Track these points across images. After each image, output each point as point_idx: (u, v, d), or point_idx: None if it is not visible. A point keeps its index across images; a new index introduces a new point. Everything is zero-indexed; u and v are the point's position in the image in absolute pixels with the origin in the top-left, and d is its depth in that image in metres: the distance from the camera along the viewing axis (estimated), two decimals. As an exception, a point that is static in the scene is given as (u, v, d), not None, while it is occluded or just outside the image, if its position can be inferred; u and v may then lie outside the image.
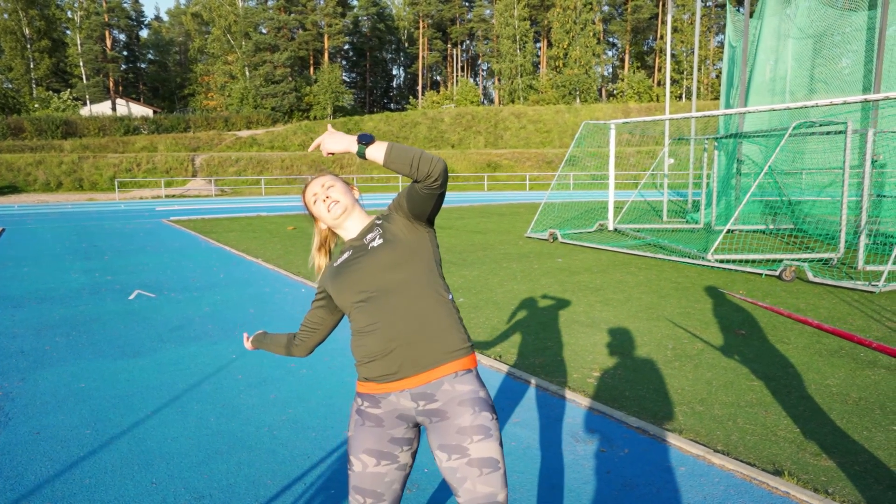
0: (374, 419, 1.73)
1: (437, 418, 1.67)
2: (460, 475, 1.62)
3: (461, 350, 1.71)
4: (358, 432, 1.74)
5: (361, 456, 1.71)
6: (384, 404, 1.72)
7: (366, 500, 1.71)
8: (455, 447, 1.63)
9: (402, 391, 1.69)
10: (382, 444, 1.71)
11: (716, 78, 60.25)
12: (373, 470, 1.71)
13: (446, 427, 1.65)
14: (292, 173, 38.69)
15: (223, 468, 3.00)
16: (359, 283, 1.72)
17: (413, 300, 1.69)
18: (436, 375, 1.68)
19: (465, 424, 1.64)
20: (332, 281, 1.79)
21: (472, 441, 1.62)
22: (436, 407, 1.67)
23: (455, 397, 1.66)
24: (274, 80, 54.61)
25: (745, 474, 2.84)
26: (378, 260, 1.70)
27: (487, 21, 70.07)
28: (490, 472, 1.61)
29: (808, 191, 13.54)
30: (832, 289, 7.07)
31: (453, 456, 1.63)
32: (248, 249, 10.97)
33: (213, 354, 4.83)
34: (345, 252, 1.83)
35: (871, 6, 12.93)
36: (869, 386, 3.97)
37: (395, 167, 1.61)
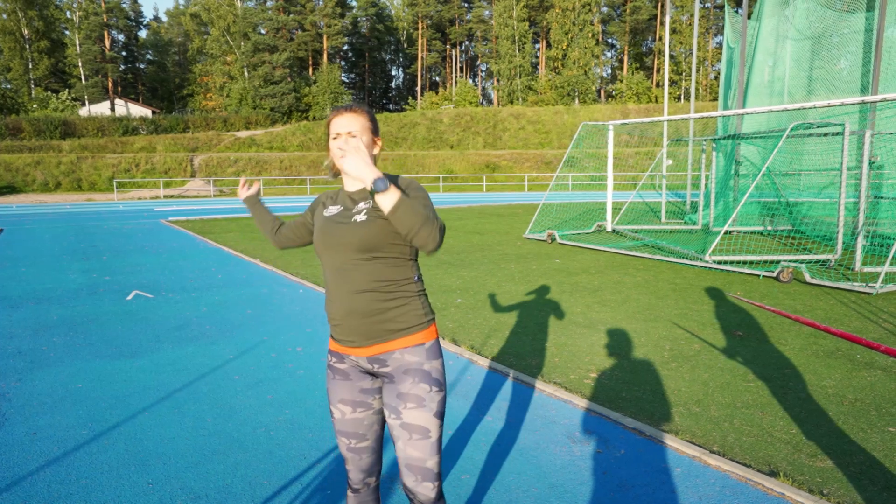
0: (341, 373, 1.90)
1: (387, 380, 1.84)
2: (395, 433, 1.81)
3: (415, 327, 1.82)
4: (331, 385, 1.91)
5: (338, 405, 1.90)
6: (347, 361, 1.88)
7: (350, 442, 1.91)
8: (393, 408, 1.81)
9: (358, 356, 1.85)
10: (354, 395, 1.88)
11: (714, 79, 60.29)
12: (350, 417, 1.89)
13: (391, 389, 1.83)
14: (291, 174, 38.68)
15: (220, 469, 3.00)
16: (333, 247, 1.82)
17: (375, 280, 1.78)
18: (388, 348, 1.81)
19: (403, 391, 1.80)
20: (317, 229, 1.90)
21: (405, 407, 1.79)
22: (387, 371, 1.83)
23: (402, 365, 1.81)
24: (273, 80, 54.59)
25: (740, 475, 2.84)
26: (356, 235, 1.78)
27: (486, 22, 70.11)
28: (419, 438, 1.78)
29: (806, 192, 13.56)
30: (829, 290, 7.08)
31: (391, 416, 1.82)
32: (246, 250, 10.96)
33: (210, 355, 4.83)
34: (337, 205, 1.91)
35: (869, 8, 12.97)
36: (865, 387, 3.97)
37: (396, 224, 1.63)
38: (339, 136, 1.83)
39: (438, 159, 41.99)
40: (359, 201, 1.86)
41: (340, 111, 1.86)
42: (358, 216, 1.81)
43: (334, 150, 1.84)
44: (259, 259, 9.84)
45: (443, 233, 1.68)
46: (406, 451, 1.79)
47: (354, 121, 1.85)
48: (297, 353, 4.86)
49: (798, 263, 8.03)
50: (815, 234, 11.27)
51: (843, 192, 8.53)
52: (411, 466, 1.79)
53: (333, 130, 1.85)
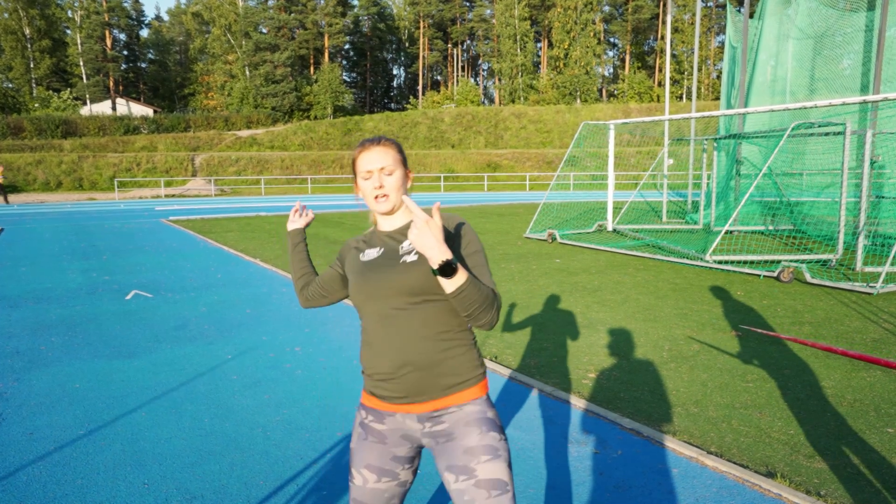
0: (377, 435, 1.68)
1: (443, 439, 1.63)
2: (468, 497, 1.56)
3: (472, 379, 1.66)
4: (360, 446, 1.70)
5: (363, 470, 1.68)
6: (388, 422, 1.67)
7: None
8: (463, 468, 1.58)
9: (408, 413, 1.65)
10: (384, 462, 1.67)
11: (717, 78, 60.22)
12: (373, 486, 1.68)
13: (453, 448, 1.61)
14: (292, 173, 38.68)
15: (216, 469, 2.99)
16: (378, 294, 1.64)
17: (430, 327, 1.62)
18: (444, 404, 1.64)
19: (472, 444, 1.59)
20: (354, 275, 1.70)
21: (479, 462, 1.58)
22: (442, 428, 1.63)
23: (462, 418, 1.63)
24: (274, 79, 54.61)
25: (737, 476, 2.83)
26: (408, 278, 1.61)
27: (488, 21, 70.06)
28: (498, 494, 1.56)
29: (808, 192, 13.53)
30: (830, 290, 7.06)
31: (461, 477, 1.58)
32: (246, 249, 10.96)
33: (208, 355, 4.83)
34: (376, 247, 1.73)
35: (871, 7, 12.93)
36: (864, 388, 3.96)
37: (456, 304, 1.50)
38: (371, 175, 1.67)
39: (440, 158, 41.98)
40: (402, 241, 1.70)
41: (368, 145, 1.69)
42: (407, 257, 1.64)
43: (368, 190, 1.68)
44: (259, 259, 9.84)
45: (499, 310, 1.56)
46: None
47: (386, 155, 1.67)
48: (296, 354, 4.86)
49: (799, 263, 8.01)
50: (816, 234, 11.24)
51: (845, 192, 8.50)
52: None
53: (363, 168, 1.67)
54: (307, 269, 1.98)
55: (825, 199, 12.40)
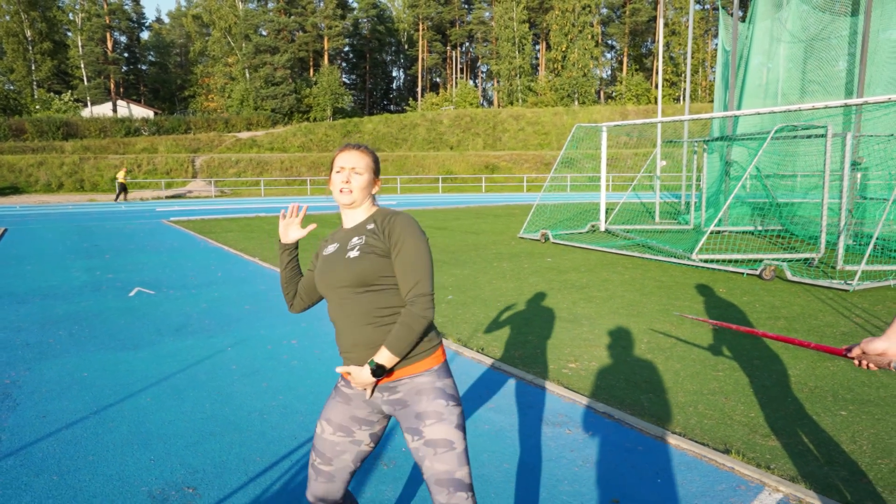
0: (343, 396, 1.97)
1: (399, 406, 1.88)
2: (420, 454, 1.82)
3: (421, 353, 1.88)
4: (329, 404, 2.00)
5: (323, 422, 1.97)
6: (356, 387, 1.93)
7: (316, 459, 1.96)
8: (414, 430, 1.84)
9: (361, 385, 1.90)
10: (343, 419, 1.95)
11: (713, 81, 60.45)
12: (328, 437, 1.95)
13: (407, 413, 1.86)
14: (292, 175, 38.94)
15: (216, 447, 3.24)
16: (330, 283, 1.90)
17: (374, 311, 1.86)
18: (396, 376, 1.88)
19: (420, 410, 1.84)
20: (316, 269, 1.99)
21: (425, 424, 1.82)
22: (398, 397, 1.88)
23: (414, 387, 1.87)
24: (274, 81, 54.87)
25: (696, 452, 3.08)
26: (350, 271, 1.85)
27: (487, 23, 70.37)
28: (444, 451, 1.80)
29: (796, 193, 13.78)
30: (809, 287, 7.31)
31: (414, 437, 1.84)
32: (245, 249, 11.21)
33: (208, 347, 5.07)
34: (334, 243, 1.99)
35: (854, 12, 13.19)
36: (827, 376, 4.21)
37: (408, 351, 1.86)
38: (342, 170, 1.93)
39: (438, 160, 42.25)
40: (352, 237, 1.94)
41: (348, 148, 1.95)
42: (351, 252, 1.89)
43: (336, 183, 1.93)
44: (258, 258, 10.09)
45: (428, 311, 1.82)
46: (434, 467, 1.79)
47: (360, 159, 1.94)
48: (292, 346, 5.10)
49: (781, 262, 8.25)
50: (803, 234, 11.49)
51: (826, 193, 8.75)
52: (441, 481, 1.79)
53: (338, 164, 1.93)
54: (297, 283, 2.13)
55: (812, 200, 12.65)
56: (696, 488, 2.76)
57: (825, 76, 15.34)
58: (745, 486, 2.77)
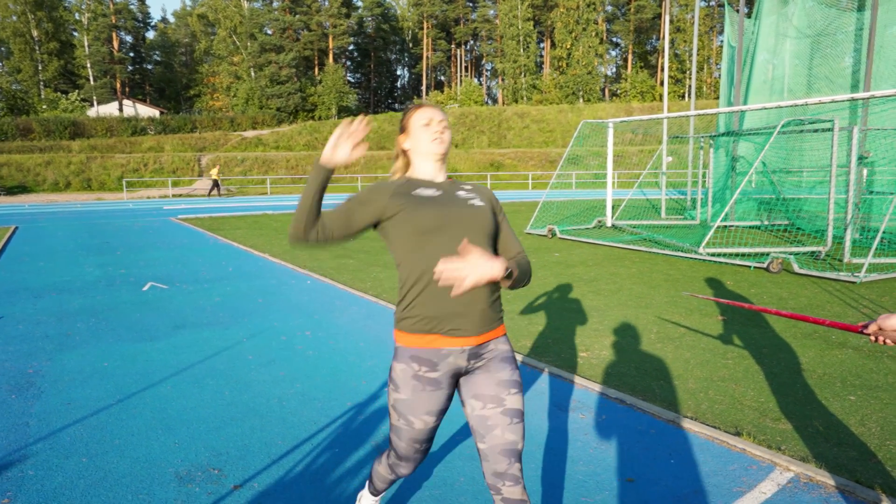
0: (433, 383, 1.81)
1: (480, 370, 1.85)
2: (491, 423, 1.79)
3: (502, 317, 1.90)
4: (419, 397, 1.81)
5: (423, 417, 1.84)
6: (442, 366, 1.80)
7: (422, 446, 1.93)
8: (493, 397, 1.80)
9: (463, 349, 1.80)
10: (443, 403, 1.86)
11: (719, 77, 60.31)
12: (433, 426, 1.88)
13: (486, 379, 1.82)
14: (297, 173, 39.06)
15: (238, 432, 3.32)
16: (459, 226, 1.78)
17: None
18: (491, 336, 1.85)
19: (505, 378, 1.83)
20: (420, 206, 1.78)
21: (509, 393, 1.82)
22: (482, 362, 1.85)
23: (499, 354, 1.86)
24: (279, 80, 55.04)
25: (708, 435, 3.14)
26: (485, 218, 1.83)
27: (491, 21, 70.35)
28: (518, 421, 1.81)
29: (803, 188, 13.79)
30: (816, 279, 7.35)
31: (489, 405, 1.80)
32: (255, 245, 11.30)
33: (225, 338, 5.16)
34: (428, 188, 1.86)
35: (861, 7, 13.19)
36: (835, 363, 4.26)
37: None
38: (431, 122, 1.88)
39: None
40: (457, 189, 1.89)
41: (425, 105, 1.91)
42: (473, 200, 1.86)
43: (426, 134, 1.87)
44: (268, 254, 10.18)
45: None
46: (505, 436, 1.78)
47: (443, 114, 1.92)
48: (306, 337, 5.18)
49: (788, 255, 8.29)
50: (810, 228, 11.52)
51: (833, 187, 8.78)
52: (507, 451, 1.78)
53: (424, 117, 1.88)
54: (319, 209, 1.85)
55: (818, 195, 12.67)
56: (709, 468, 2.82)
57: (831, 72, 15.33)
58: (756, 465, 2.84)
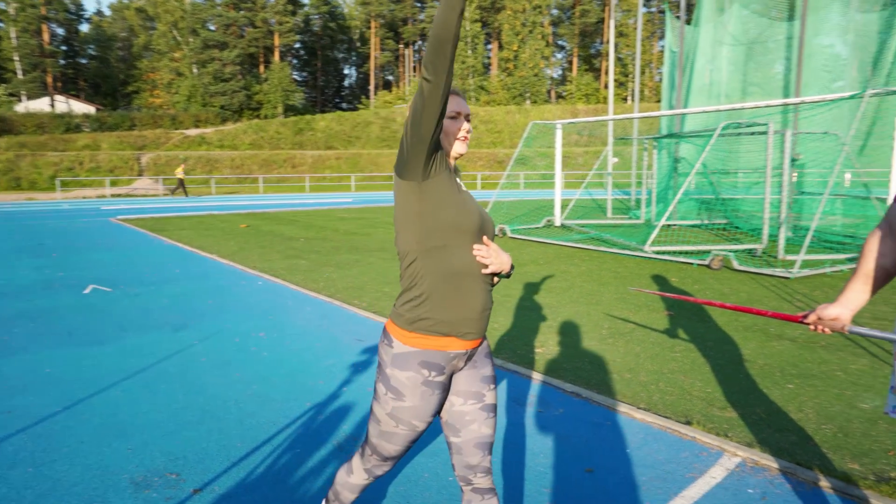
0: (441, 387, 1.77)
1: (468, 367, 1.84)
2: (469, 418, 1.81)
3: None
4: (429, 401, 1.75)
5: (428, 419, 1.79)
6: (447, 368, 1.77)
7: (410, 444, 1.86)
8: (474, 393, 1.82)
9: (466, 351, 1.79)
10: (443, 403, 1.84)
11: (659, 81, 62.25)
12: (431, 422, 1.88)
13: (472, 375, 1.83)
14: (242, 172, 38.21)
15: (195, 435, 3.25)
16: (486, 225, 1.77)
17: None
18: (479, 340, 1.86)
19: (487, 374, 1.85)
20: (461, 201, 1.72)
21: (489, 389, 1.84)
22: (472, 361, 1.86)
23: (481, 350, 1.88)
24: (223, 77, 53.71)
25: (661, 425, 3.27)
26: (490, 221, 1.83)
27: (439, 22, 70.43)
28: (493, 416, 1.85)
29: (739, 188, 14.42)
30: (754, 275, 7.71)
31: (469, 401, 1.81)
32: (202, 246, 11.02)
33: (175, 341, 5.03)
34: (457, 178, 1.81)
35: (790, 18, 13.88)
36: (774, 354, 4.49)
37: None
38: (459, 116, 1.78)
39: (392, 158, 42.16)
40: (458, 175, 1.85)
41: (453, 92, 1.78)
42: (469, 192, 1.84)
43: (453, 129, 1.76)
44: (216, 254, 9.94)
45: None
46: (481, 430, 1.81)
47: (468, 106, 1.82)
48: (260, 338, 5.10)
49: (727, 252, 8.66)
50: (747, 227, 12.05)
51: (769, 188, 9.22)
52: (481, 444, 1.81)
53: (452, 108, 1.76)
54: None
55: (754, 196, 13.26)
56: (663, 456, 2.94)
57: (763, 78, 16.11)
58: (706, 452, 2.97)
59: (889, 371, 4.11)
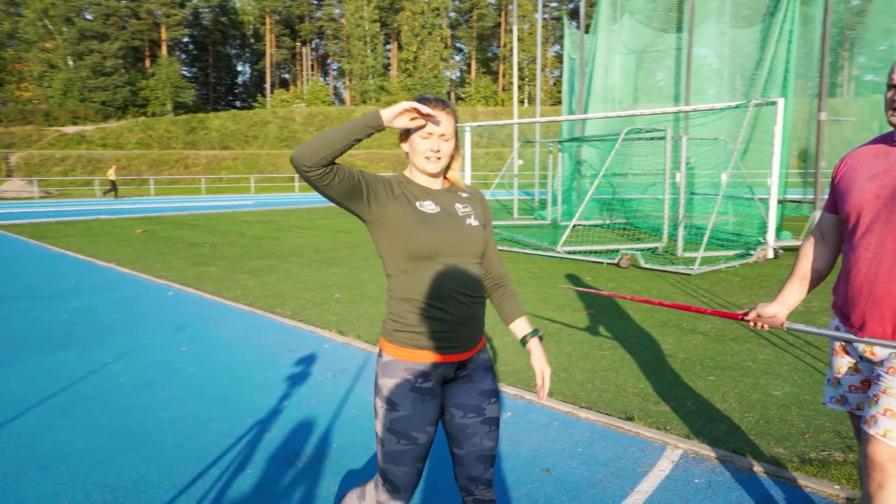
0: (430, 392, 1.77)
1: (463, 381, 1.86)
2: (471, 431, 1.83)
3: (484, 330, 1.90)
4: (421, 409, 1.75)
5: (427, 429, 1.77)
6: (434, 376, 1.78)
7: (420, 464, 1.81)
8: (474, 407, 1.83)
9: (452, 363, 1.80)
10: (439, 412, 1.83)
11: (553, 85, 64.77)
12: (432, 436, 1.81)
13: (469, 389, 1.84)
14: (130, 173, 35.82)
15: (130, 463, 3.03)
16: (457, 249, 1.75)
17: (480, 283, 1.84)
18: (475, 350, 1.86)
19: (486, 388, 1.86)
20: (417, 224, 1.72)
21: (490, 402, 1.86)
22: (467, 372, 1.86)
23: (480, 364, 1.88)
24: (104, 71, 50.04)
25: (605, 423, 3.42)
26: (478, 239, 1.80)
27: (337, 20, 69.49)
28: (495, 429, 1.87)
29: (636, 190, 15.31)
30: (659, 273, 8.22)
31: (469, 414, 1.83)
32: (96, 254, 10.23)
33: (86, 360, 4.64)
34: (429, 201, 1.79)
35: (679, 29, 14.90)
36: (691, 348, 4.82)
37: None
38: (431, 136, 1.74)
39: (292, 159, 41.09)
40: (454, 202, 1.83)
41: (433, 105, 1.73)
42: (470, 220, 1.82)
43: (422, 148, 1.74)
44: (115, 263, 9.27)
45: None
46: (483, 443, 1.83)
47: (449, 123, 1.76)
48: (183, 353, 4.82)
49: (634, 251, 9.18)
50: (645, 226, 12.81)
51: (667, 189, 9.86)
52: (483, 457, 1.84)
53: (426, 130, 1.73)
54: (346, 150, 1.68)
55: (650, 196, 14.13)
56: (612, 453, 3.08)
57: (651, 86, 17.24)
58: (650, 446, 3.14)
59: (791, 360, 4.53)
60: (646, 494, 2.68)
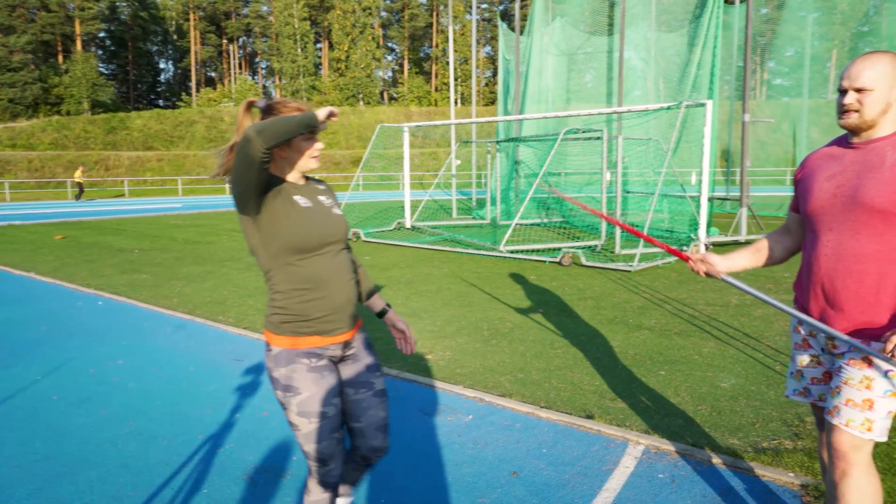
0: (327, 368, 1.94)
1: (350, 360, 2.05)
2: (365, 405, 2.05)
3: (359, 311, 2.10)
4: (321, 385, 1.89)
5: (333, 401, 1.92)
6: (325, 355, 1.95)
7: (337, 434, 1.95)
8: (364, 382, 2.05)
9: (338, 343, 1.98)
10: (338, 384, 1.98)
11: (486, 86, 65.48)
12: (340, 407, 1.97)
13: (357, 366, 2.04)
14: (43, 176, 33.72)
15: (72, 489, 2.81)
16: (330, 238, 1.92)
17: (351, 267, 2.02)
18: (355, 329, 2.05)
19: (371, 363, 2.09)
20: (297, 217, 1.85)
21: (377, 376, 2.09)
22: (353, 351, 2.05)
23: (362, 342, 2.09)
24: (10, 67, 46.89)
25: (566, 421, 3.45)
26: (344, 225, 1.99)
27: (265, 18, 67.81)
28: (385, 400, 2.12)
29: (571, 189, 15.65)
30: (601, 270, 8.41)
31: (361, 390, 2.04)
32: (12, 263, 9.54)
33: (11, 378, 4.30)
34: (304, 196, 1.93)
35: (610, 32, 15.33)
36: (639, 344, 4.94)
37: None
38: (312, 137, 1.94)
39: (221, 159, 39.76)
40: (316, 195, 1.98)
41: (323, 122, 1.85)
42: (334, 209, 2.01)
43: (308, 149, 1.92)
44: (34, 272, 8.67)
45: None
46: (378, 414, 2.07)
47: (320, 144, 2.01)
48: (120, 366, 4.54)
49: (575, 249, 9.36)
50: (581, 225, 13.11)
51: (605, 188, 10.11)
52: (380, 427, 2.08)
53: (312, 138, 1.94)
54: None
55: (585, 195, 14.47)
56: (577, 452, 3.10)
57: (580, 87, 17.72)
58: (613, 444, 3.19)
59: (734, 352, 4.72)
60: (614, 493, 2.70)
